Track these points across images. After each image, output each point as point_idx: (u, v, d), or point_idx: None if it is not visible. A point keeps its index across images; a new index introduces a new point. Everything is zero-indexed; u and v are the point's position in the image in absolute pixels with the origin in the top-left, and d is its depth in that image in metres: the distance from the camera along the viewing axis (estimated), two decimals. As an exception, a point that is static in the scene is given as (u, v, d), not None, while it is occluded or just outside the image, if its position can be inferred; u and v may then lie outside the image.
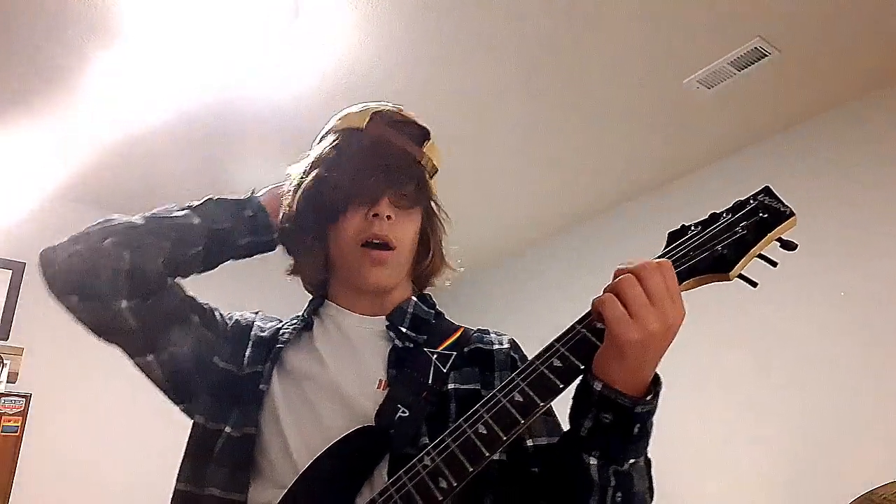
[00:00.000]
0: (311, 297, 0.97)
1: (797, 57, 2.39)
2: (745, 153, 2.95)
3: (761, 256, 0.73)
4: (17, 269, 3.18)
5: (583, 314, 0.70)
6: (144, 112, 2.68)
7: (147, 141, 2.87)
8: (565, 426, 0.74)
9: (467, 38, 2.31)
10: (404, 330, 0.89)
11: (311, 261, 0.93)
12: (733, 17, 2.20)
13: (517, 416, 0.65)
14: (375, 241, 0.86)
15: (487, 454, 0.65)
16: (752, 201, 0.76)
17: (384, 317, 0.90)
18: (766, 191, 0.78)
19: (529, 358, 0.72)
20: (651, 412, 0.68)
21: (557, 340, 0.69)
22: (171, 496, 0.82)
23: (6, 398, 2.87)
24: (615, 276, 0.68)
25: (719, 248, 0.72)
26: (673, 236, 0.77)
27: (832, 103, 2.65)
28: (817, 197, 2.65)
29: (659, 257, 0.73)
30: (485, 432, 0.65)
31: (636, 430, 0.67)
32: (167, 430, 3.67)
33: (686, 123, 2.80)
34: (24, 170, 3.08)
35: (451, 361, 0.85)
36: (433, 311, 0.95)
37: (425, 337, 0.89)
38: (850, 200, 2.55)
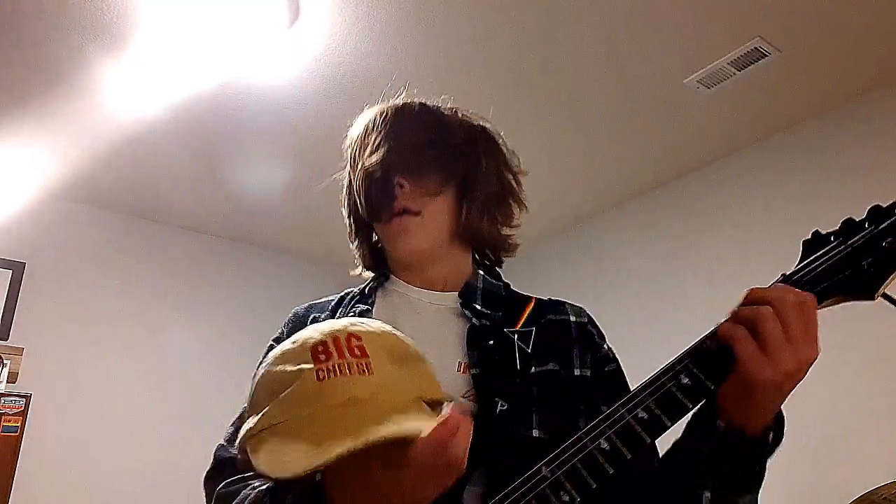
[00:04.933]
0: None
1: (797, 57, 2.39)
2: (746, 153, 2.95)
3: None
4: (17, 269, 3.18)
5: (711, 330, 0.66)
6: (144, 111, 2.68)
7: (147, 140, 2.87)
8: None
9: (467, 38, 2.31)
10: (479, 307, 0.84)
11: (362, 243, 0.93)
12: (733, 17, 2.20)
13: (643, 434, 0.62)
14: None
15: (611, 471, 0.62)
16: (895, 211, 0.68)
17: (456, 293, 0.86)
18: None
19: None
20: (773, 453, 0.66)
21: (686, 356, 0.65)
22: None
23: (6, 398, 2.87)
24: (748, 301, 0.64)
25: (864, 266, 0.65)
26: (809, 247, 0.69)
27: (832, 103, 2.65)
28: (818, 197, 2.65)
29: (796, 272, 0.67)
30: (607, 448, 0.62)
31: (756, 469, 0.66)
32: (167, 429, 3.67)
33: (686, 123, 2.80)
34: (24, 170, 3.08)
35: (532, 340, 0.81)
36: (501, 284, 0.92)
37: (501, 313, 0.84)
38: (850, 200, 2.54)
